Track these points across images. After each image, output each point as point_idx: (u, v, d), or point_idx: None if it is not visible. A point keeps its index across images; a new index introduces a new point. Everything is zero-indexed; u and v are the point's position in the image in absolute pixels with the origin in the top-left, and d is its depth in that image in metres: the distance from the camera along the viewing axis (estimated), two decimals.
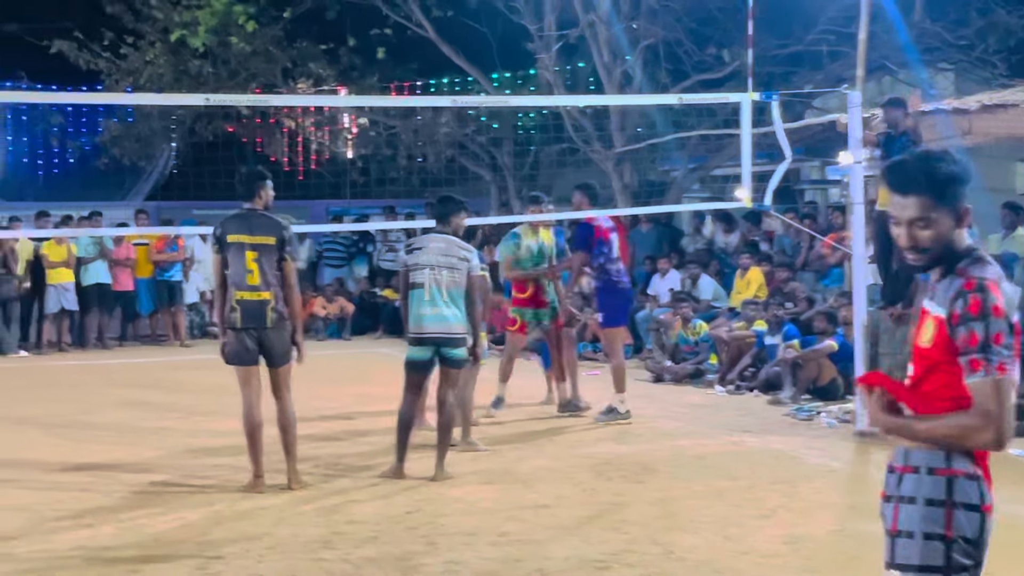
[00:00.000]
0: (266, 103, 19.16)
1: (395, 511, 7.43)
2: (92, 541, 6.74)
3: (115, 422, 11.16)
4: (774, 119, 10.71)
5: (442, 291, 8.41)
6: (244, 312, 7.94)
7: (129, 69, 20.74)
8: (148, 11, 20.27)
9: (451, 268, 8.47)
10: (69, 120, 24.88)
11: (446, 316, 8.41)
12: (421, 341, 8.47)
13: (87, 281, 18.00)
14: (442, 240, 8.60)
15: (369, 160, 24.13)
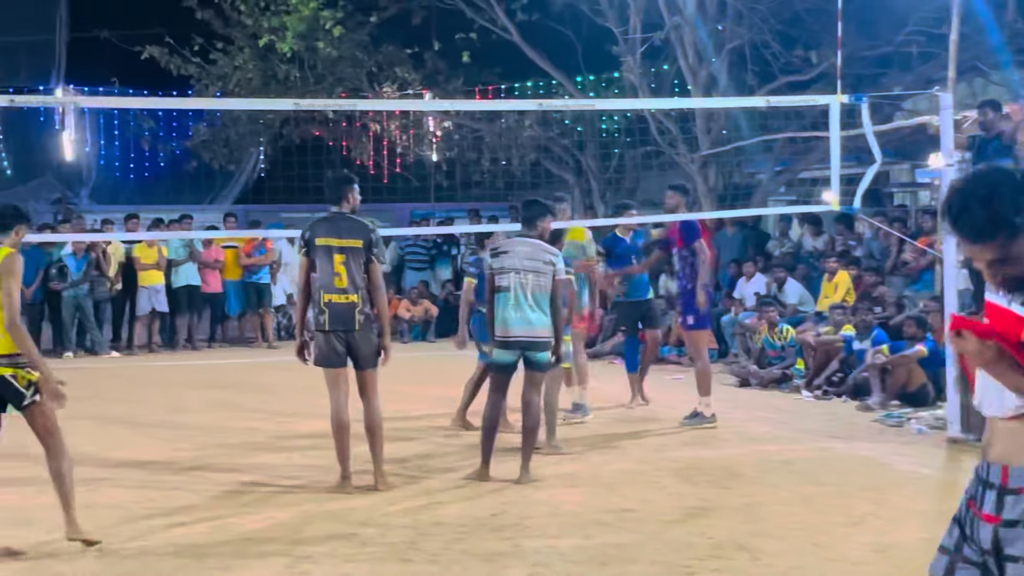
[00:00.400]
0: (353, 107, 19.32)
1: (481, 513, 7.47)
2: (184, 539, 6.86)
3: (204, 422, 11.34)
4: (864, 121, 10.59)
5: (527, 295, 8.44)
6: (332, 315, 8.03)
7: (218, 74, 21.04)
8: (237, 17, 20.55)
9: (537, 272, 8.49)
10: (160, 124, 25.24)
11: (531, 320, 8.43)
12: (506, 344, 8.50)
13: (177, 283, 18.29)
14: (528, 244, 8.62)
15: (453, 163, 24.23)
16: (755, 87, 18.35)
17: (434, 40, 21.78)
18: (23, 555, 6.47)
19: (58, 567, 6.27)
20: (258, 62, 20.83)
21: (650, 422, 11.17)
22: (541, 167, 22.64)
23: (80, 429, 9.86)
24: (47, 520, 7.31)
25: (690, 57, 18.29)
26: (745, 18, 18.23)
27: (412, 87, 21.73)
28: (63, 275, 17.30)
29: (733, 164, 19.90)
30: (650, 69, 20.07)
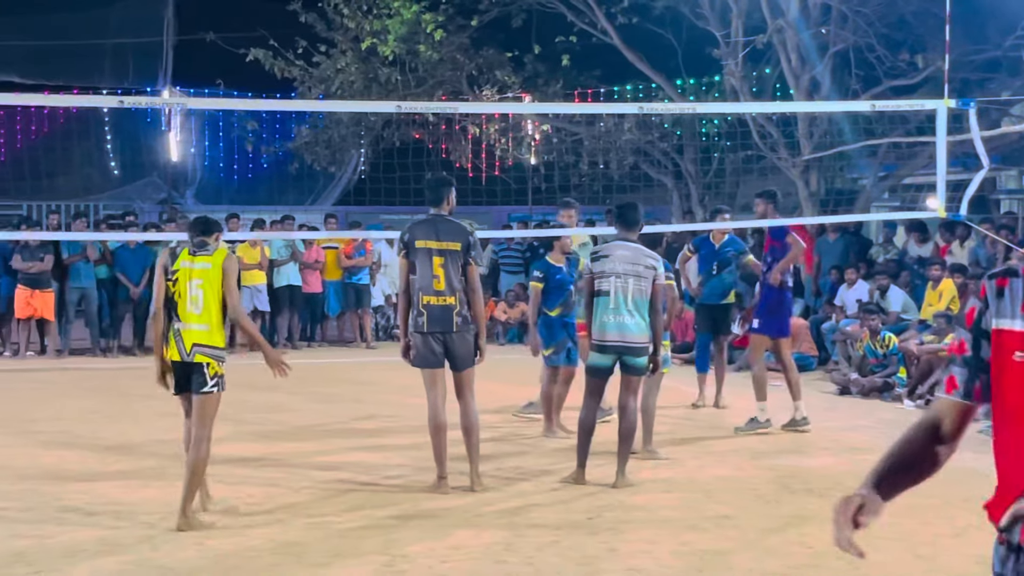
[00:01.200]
0: (454, 110, 19.42)
1: (576, 516, 7.46)
2: (282, 535, 6.95)
3: (303, 420, 11.48)
4: (971, 127, 10.39)
5: (627, 299, 8.41)
6: (431, 316, 8.08)
7: (321, 77, 21.28)
8: (340, 20, 20.78)
9: (637, 276, 8.45)
10: (263, 126, 25.64)
11: (628, 325, 8.40)
12: (603, 348, 8.48)
13: (279, 283, 18.51)
14: (629, 248, 8.59)
15: (551, 166, 24.24)
16: (859, 91, 18.10)
17: (534, 43, 21.82)
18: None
19: (160, 560, 6.39)
20: (360, 65, 21.03)
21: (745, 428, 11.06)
22: (639, 171, 22.58)
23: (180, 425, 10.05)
24: (151, 513, 7.46)
25: (793, 61, 18.09)
26: (849, 21, 17.97)
27: (511, 90, 21.79)
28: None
29: (836, 169, 19.63)
30: (751, 72, 19.90)
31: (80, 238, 17.02)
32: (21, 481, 8.53)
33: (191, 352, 7.19)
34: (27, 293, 16.92)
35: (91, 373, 15.49)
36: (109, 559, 6.41)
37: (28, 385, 14.27)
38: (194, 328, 7.21)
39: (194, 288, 7.25)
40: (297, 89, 21.77)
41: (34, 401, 12.76)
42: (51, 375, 15.26)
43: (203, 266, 7.26)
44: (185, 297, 7.25)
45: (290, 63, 21.25)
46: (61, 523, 7.22)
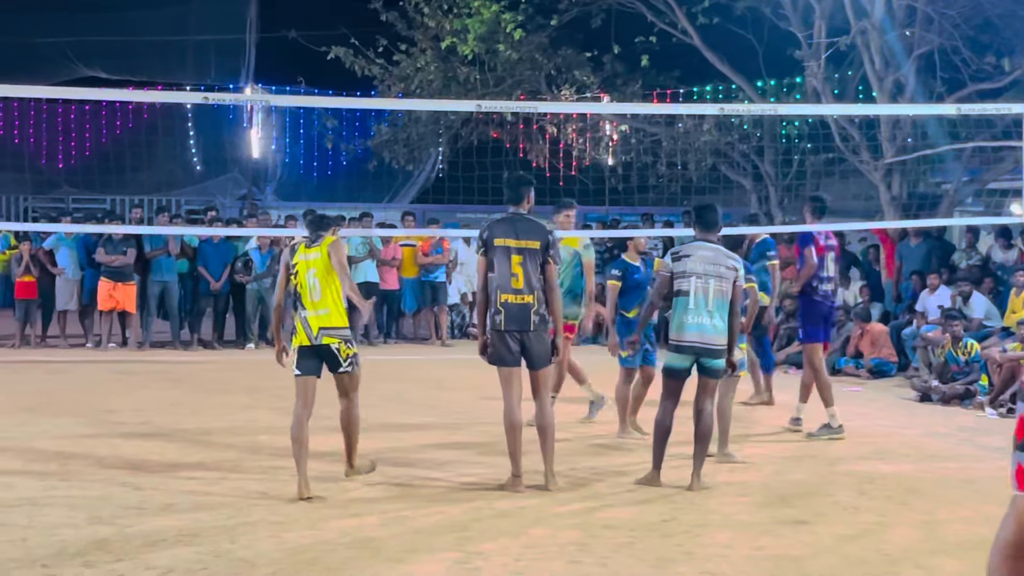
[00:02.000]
0: (533, 109, 19.41)
1: (651, 518, 7.42)
2: (357, 531, 6.98)
3: (378, 416, 11.51)
4: None
5: (707, 300, 8.36)
6: (508, 315, 8.09)
7: (401, 75, 21.39)
8: (421, 19, 20.88)
9: (719, 277, 8.40)
10: (343, 124, 25.82)
11: (706, 326, 8.34)
12: (680, 349, 8.43)
13: (356, 279, 18.55)
14: (710, 249, 8.53)
15: (629, 167, 24.17)
16: (943, 94, 17.84)
17: (613, 43, 21.76)
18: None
19: (237, 552, 6.45)
20: (439, 64, 21.12)
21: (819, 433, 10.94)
22: (718, 172, 22.44)
23: (260, 418, 10.18)
24: (228, 505, 7.55)
25: (876, 63, 17.86)
26: (935, 23, 17.71)
27: (590, 90, 21.75)
28: (248, 269, 17.81)
29: (919, 173, 19.36)
30: (833, 74, 19.68)
31: (163, 232, 17.28)
32: (102, 471, 8.66)
33: (318, 335, 8.06)
34: (110, 286, 17.20)
35: (171, 366, 15.70)
36: (187, 549, 6.48)
37: (109, 376, 14.50)
38: (319, 314, 8.07)
39: (311, 278, 8.10)
40: (377, 87, 21.90)
41: (115, 392, 12.96)
42: (132, 367, 15.49)
43: (315, 256, 8.13)
44: (305, 287, 8.11)
45: (370, 61, 21.39)
46: (141, 513, 7.31)
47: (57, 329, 18.14)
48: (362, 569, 6.17)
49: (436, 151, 25.34)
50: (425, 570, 6.17)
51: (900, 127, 18.28)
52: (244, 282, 17.82)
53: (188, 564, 6.19)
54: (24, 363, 15.65)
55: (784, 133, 22.77)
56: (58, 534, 6.76)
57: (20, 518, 7.12)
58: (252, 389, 13.28)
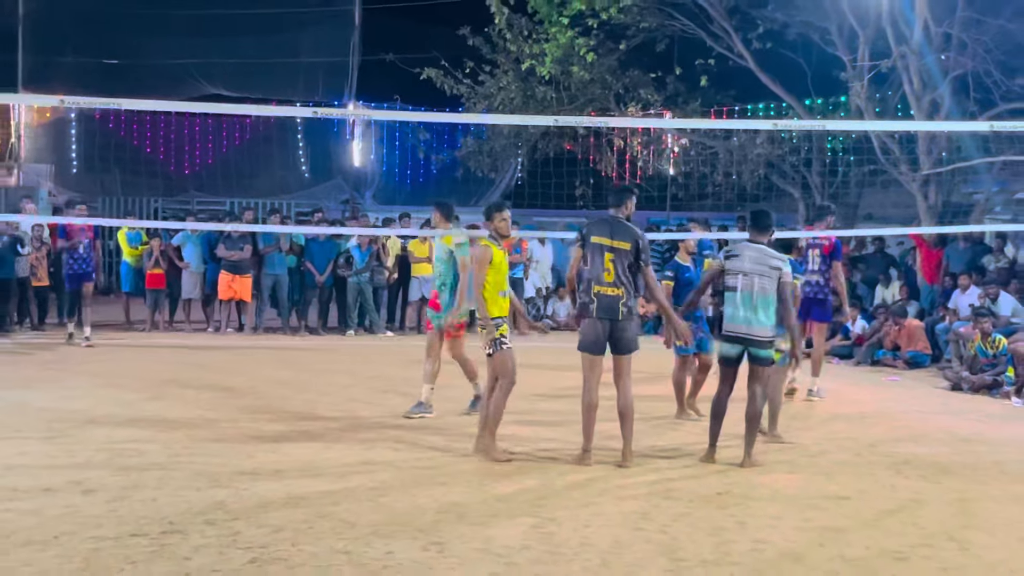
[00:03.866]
0: (604, 124, 19.33)
1: (707, 491, 7.37)
2: (446, 497, 7.01)
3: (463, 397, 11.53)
4: None
5: (752, 296, 8.30)
6: (600, 304, 8.13)
7: (485, 93, 21.40)
8: (504, 44, 20.87)
9: (762, 275, 8.34)
10: (433, 137, 25.93)
11: (751, 319, 8.30)
12: (730, 339, 8.39)
13: None
14: (756, 250, 8.48)
15: (688, 176, 24.02)
16: (976, 113, 17.49)
17: (675, 65, 21.65)
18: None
19: (340, 514, 6.50)
20: (520, 83, 21.10)
21: (868, 419, 10.79)
22: (769, 181, 22.21)
23: (358, 394, 10.24)
24: (331, 472, 7.61)
25: (915, 83, 17.55)
26: (968, 48, 17.38)
27: (654, 107, 21.62)
28: (349, 264, 17.94)
29: (953, 184, 19.00)
30: (875, 94, 19.37)
31: (275, 231, 17.46)
32: (221, 440, 8.77)
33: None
34: (228, 278, 17.42)
35: (281, 350, 15.86)
36: (296, 511, 6.54)
37: (228, 357, 14.68)
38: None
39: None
40: (464, 104, 21.94)
41: (233, 372, 13.12)
42: (247, 350, 15.67)
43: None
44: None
45: (458, 81, 21.43)
46: (255, 478, 7.40)
47: (182, 315, 18.40)
48: (449, 531, 6.20)
49: (516, 161, 25.34)
50: (504, 533, 6.18)
51: (936, 142, 17.94)
52: (346, 276, 17.93)
53: (296, 524, 6.25)
54: (154, 345, 15.89)
55: (830, 147, 22.46)
56: (182, 495, 6.86)
57: (150, 480, 7.25)
58: (351, 371, 13.36)
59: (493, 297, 8.45)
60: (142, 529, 6.08)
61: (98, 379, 12.14)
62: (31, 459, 7.85)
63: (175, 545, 5.81)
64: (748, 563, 5.76)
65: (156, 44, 24.29)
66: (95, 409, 10.08)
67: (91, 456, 8.00)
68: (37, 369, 12.94)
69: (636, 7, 19.84)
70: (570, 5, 19.62)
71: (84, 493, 6.86)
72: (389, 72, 24.13)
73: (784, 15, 19.54)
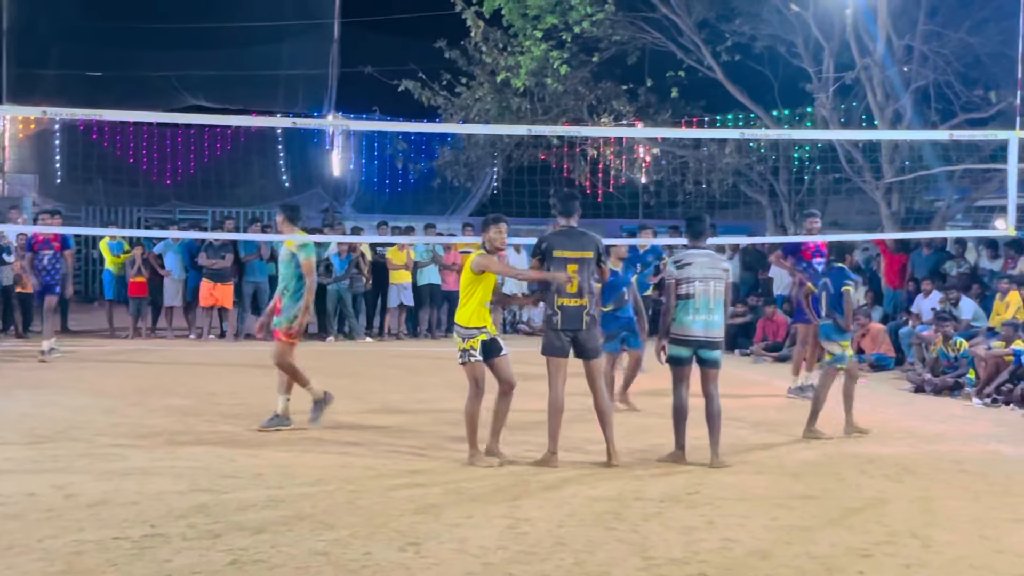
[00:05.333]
0: (576, 134, 19.35)
1: (677, 491, 7.38)
2: (422, 498, 7.01)
3: (440, 398, 11.56)
4: None
5: (710, 300, 8.39)
6: (564, 316, 8.13)
7: (461, 105, 21.39)
8: (479, 56, 20.87)
9: (716, 279, 8.44)
10: (411, 147, 25.91)
11: (707, 322, 8.40)
12: (686, 342, 8.43)
13: (421, 281, 18.71)
14: (704, 255, 8.54)
15: (660, 185, 24.09)
16: (937, 123, 17.62)
17: (647, 77, 21.68)
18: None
19: (319, 516, 6.48)
20: (495, 95, 21.09)
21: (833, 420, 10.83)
22: (738, 190, 22.30)
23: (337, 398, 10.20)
24: (309, 475, 7.58)
25: (878, 95, 17.65)
26: (929, 60, 17.53)
27: (626, 118, 21.66)
28: (328, 271, 17.90)
29: (915, 191, 19.12)
30: (840, 105, 19.48)
31: (255, 239, 17.40)
32: (203, 444, 8.74)
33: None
34: (210, 285, 17.36)
35: (263, 355, 15.75)
36: (274, 513, 6.52)
37: (209, 363, 14.62)
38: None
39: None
40: (441, 115, 21.93)
41: (214, 377, 13.07)
42: (229, 355, 15.61)
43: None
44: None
45: (435, 93, 21.40)
46: (235, 481, 7.37)
47: (164, 322, 18.32)
48: (426, 531, 6.19)
49: (492, 171, 25.35)
50: (480, 533, 6.18)
51: (899, 151, 18.06)
52: (325, 283, 17.89)
53: (275, 526, 6.23)
54: (136, 351, 15.81)
55: (796, 156, 22.59)
56: (164, 499, 6.83)
57: (132, 484, 7.21)
58: (329, 376, 13.30)
59: (478, 308, 8.28)
60: (124, 532, 6.04)
61: (81, 385, 12.06)
62: (14, 464, 7.79)
63: (156, 548, 5.77)
64: (717, 561, 5.78)
65: (139, 56, 24.22)
66: (78, 415, 10.02)
67: (73, 461, 7.94)
68: (20, 376, 12.84)
69: (608, 21, 19.88)
70: (544, 19, 19.64)
71: (66, 497, 6.81)
72: (368, 84, 24.12)
73: (752, 28, 19.63)
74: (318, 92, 25.80)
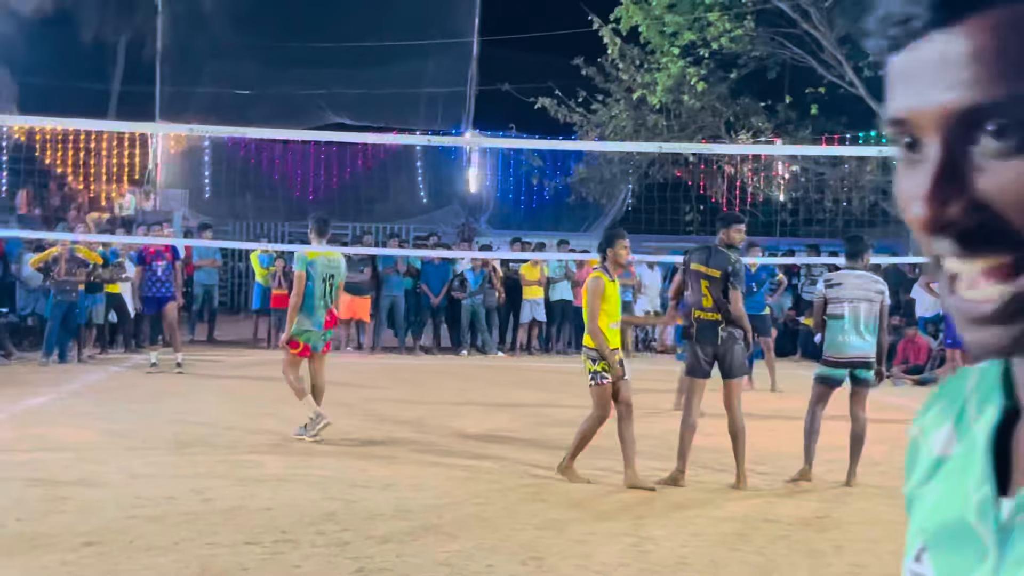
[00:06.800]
0: (709, 151, 19.22)
1: (806, 514, 7.25)
2: (546, 513, 7.03)
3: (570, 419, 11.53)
4: None
5: (860, 320, 8.24)
6: (699, 328, 8.14)
7: (597, 122, 21.47)
8: (616, 74, 20.91)
9: (869, 300, 8.28)
10: (546, 163, 26.08)
11: (859, 344, 8.26)
12: (838, 364, 8.32)
13: (554, 297, 18.77)
14: (859, 276, 8.42)
15: (798, 203, 23.69)
16: None
17: (786, 93, 21.41)
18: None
19: (444, 527, 6.56)
20: (631, 112, 21.10)
21: None
22: (879, 208, 21.79)
23: (468, 412, 10.33)
24: (437, 487, 7.69)
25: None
26: None
27: (764, 134, 21.41)
28: (463, 286, 18.12)
29: None
30: None
31: (393, 254, 17.74)
32: (336, 453, 8.94)
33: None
34: (349, 298, 17.72)
35: (397, 367, 16.08)
36: (401, 523, 6.63)
37: (345, 374, 14.92)
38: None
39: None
40: (576, 132, 22.03)
41: (350, 387, 13.33)
42: (365, 367, 15.92)
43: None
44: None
45: (571, 110, 21.53)
46: (366, 490, 7.52)
47: None
48: (549, 547, 6.21)
49: (626, 187, 25.31)
50: (603, 550, 6.17)
51: None
52: (459, 298, 18.12)
53: (401, 535, 6.33)
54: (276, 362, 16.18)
55: None
56: (296, 506, 7.01)
57: (266, 491, 7.42)
58: (462, 389, 13.49)
59: (604, 329, 8.25)
60: (256, 538, 6.22)
61: (222, 394, 12.47)
62: (157, 469, 8.10)
63: (286, 553, 5.93)
64: None
65: (286, 75, 24.96)
66: (218, 423, 10.36)
67: (212, 467, 8.22)
68: (167, 384, 13.34)
69: (747, 37, 19.70)
70: (681, 36, 19.58)
71: (204, 502, 7.05)
72: (505, 101, 24.33)
73: None
74: (457, 109, 26.19)
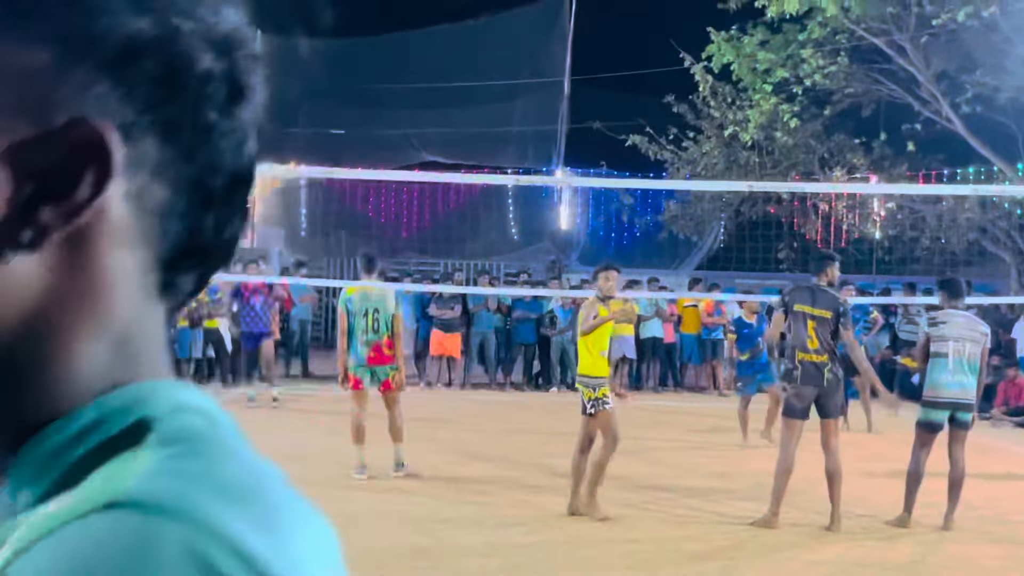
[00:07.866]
0: (801, 190, 19.08)
1: (901, 559, 7.14)
2: (636, 553, 7.03)
3: (659, 456, 11.53)
4: None
5: (964, 361, 8.17)
6: (804, 372, 8.09)
7: (688, 159, 21.46)
8: (707, 111, 20.91)
9: (973, 341, 8.23)
10: (637, 201, 26.12)
11: (962, 383, 8.18)
12: (938, 405, 8.25)
13: (644, 334, 18.73)
14: (964, 316, 8.36)
15: (894, 240, 23.35)
16: None
17: (882, 130, 21.18)
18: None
19: (536, 566, 6.60)
20: (723, 149, 21.06)
21: None
22: (977, 246, 21.37)
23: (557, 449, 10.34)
24: (525, 524, 7.73)
25: None
26: None
27: (859, 171, 21.18)
28: (553, 323, 18.20)
29: None
30: None
31: (483, 292, 17.90)
32: (427, 490, 9.04)
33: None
34: (440, 335, 17.95)
35: (487, 403, 16.18)
36: (491, 560, 6.70)
37: (439, 409, 15.08)
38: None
39: None
40: (667, 170, 22.05)
41: (440, 423, 13.47)
42: (456, 403, 16.05)
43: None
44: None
45: (662, 147, 21.57)
46: (455, 527, 7.60)
47: None
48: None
49: (718, 225, 25.23)
50: None
51: None
52: (549, 335, 18.19)
53: (490, 572, 6.39)
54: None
55: None
56: (389, 540, 7.11)
57: (359, 527, 7.53)
58: (551, 425, 13.51)
59: (597, 357, 8.29)
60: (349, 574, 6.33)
61: (315, 429, 12.69)
62: None
63: None
64: None
65: (378, 115, 25.42)
66: (310, 457, 10.54)
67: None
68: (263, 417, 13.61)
69: (842, 73, 19.56)
70: (774, 73, 19.52)
71: None
72: (596, 139, 24.45)
73: (995, 79, 18.86)
74: (547, 148, 26.36)
